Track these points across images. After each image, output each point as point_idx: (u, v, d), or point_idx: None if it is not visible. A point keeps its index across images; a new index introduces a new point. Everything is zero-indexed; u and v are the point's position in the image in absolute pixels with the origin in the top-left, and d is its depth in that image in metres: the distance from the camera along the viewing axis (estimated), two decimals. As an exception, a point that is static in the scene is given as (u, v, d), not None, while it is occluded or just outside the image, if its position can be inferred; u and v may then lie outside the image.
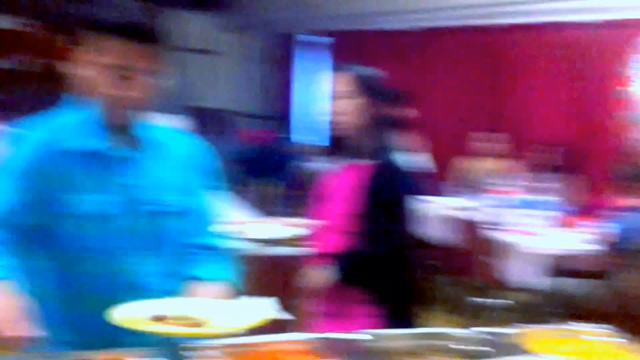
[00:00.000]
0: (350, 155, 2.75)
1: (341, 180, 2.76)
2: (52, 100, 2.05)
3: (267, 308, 1.77)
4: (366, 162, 2.69)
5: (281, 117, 9.65)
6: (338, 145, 2.79)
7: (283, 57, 9.97)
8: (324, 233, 2.79)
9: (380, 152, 2.69)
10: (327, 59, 9.14)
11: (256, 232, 3.85)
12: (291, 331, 2.05)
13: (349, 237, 2.67)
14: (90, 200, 1.88)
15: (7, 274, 1.80)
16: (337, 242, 2.70)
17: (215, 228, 2.14)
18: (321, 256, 2.73)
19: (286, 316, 2.05)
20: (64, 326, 1.88)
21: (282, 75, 9.95)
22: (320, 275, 2.69)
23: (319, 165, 2.99)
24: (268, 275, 3.44)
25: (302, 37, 9.80)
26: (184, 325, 1.68)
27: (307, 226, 3.04)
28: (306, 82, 9.50)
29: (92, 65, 1.85)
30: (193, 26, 9.71)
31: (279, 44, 9.99)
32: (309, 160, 6.75)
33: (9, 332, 1.70)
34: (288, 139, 9.10)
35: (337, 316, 2.67)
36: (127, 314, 1.69)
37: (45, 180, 1.87)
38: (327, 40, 9.31)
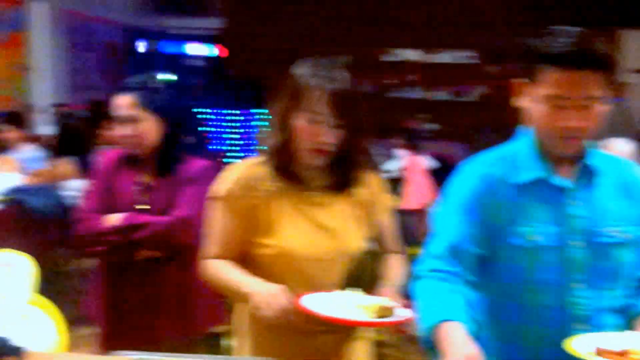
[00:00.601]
0: None
1: None
2: (487, 130, 2.12)
3: None
4: None
5: None
6: None
7: None
8: None
9: None
10: None
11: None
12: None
13: None
14: (540, 232, 1.87)
15: (460, 316, 1.79)
16: None
17: None
18: None
19: None
20: (496, 358, 1.89)
21: None
22: None
23: None
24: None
25: None
26: None
27: None
28: None
29: (535, 96, 1.85)
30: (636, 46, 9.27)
31: None
32: None
33: None
34: None
35: None
36: (581, 349, 1.66)
37: (494, 212, 1.90)
38: None
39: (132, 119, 2.76)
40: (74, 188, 4.83)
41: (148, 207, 2.77)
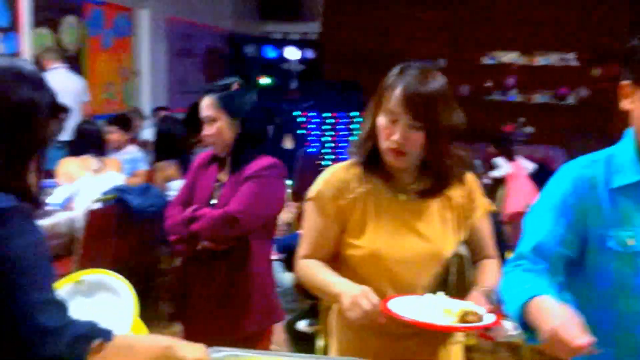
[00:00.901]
0: None
1: None
2: (588, 133, 2.05)
3: None
4: None
5: None
6: None
7: None
8: None
9: None
10: None
11: None
12: None
13: None
14: (638, 236, 1.80)
15: (549, 291, 1.74)
16: None
17: None
18: None
19: None
20: None
21: None
22: None
23: None
24: None
25: None
26: None
27: None
28: None
29: (633, 98, 1.79)
30: None
31: None
32: None
33: (571, 342, 1.59)
34: None
35: None
36: None
37: (588, 215, 1.84)
38: None
39: (211, 119, 2.95)
40: (174, 188, 4.96)
41: (216, 202, 2.96)
